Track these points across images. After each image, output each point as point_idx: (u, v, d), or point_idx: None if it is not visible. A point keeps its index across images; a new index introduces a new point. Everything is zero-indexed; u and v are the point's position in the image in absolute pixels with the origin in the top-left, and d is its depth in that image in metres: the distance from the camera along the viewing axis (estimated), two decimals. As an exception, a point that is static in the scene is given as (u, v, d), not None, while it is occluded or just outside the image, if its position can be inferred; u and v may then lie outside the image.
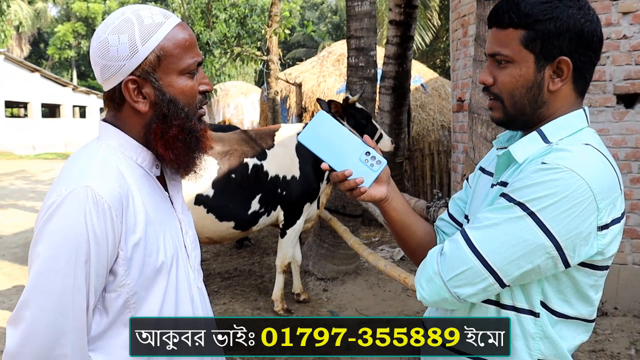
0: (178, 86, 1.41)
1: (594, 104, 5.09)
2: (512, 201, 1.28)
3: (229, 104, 22.12)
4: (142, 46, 1.36)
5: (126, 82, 1.38)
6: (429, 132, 11.33)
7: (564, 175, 1.24)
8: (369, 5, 6.30)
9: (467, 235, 1.32)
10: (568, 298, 1.36)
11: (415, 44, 17.84)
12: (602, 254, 1.31)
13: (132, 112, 1.42)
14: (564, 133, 1.37)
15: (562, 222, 1.24)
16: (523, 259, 1.27)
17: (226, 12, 14.66)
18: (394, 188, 1.51)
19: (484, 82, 1.43)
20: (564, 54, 1.34)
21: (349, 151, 1.43)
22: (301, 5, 43.26)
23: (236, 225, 5.08)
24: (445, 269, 1.32)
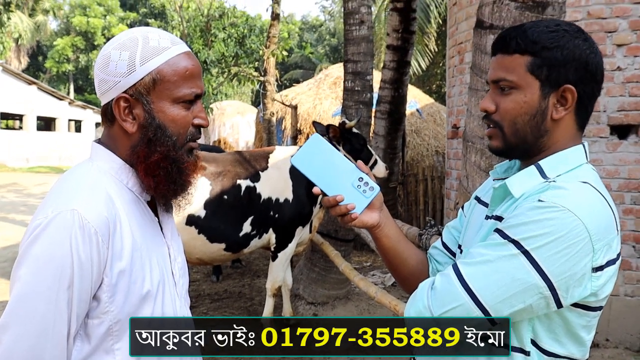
0: (169, 113, 1.38)
1: (588, 134, 5.10)
2: (506, 238, 1.26)
3: (224, 123, 22.12)
4: (140, 66, 1.35)
5: (118, 99, 1.37)
6: (423, 158, 11.34)
7: (560, 214, 1.22)
8: (366, 29, 6.33)
9: (459, 270, 1.29)
10: (559, 337, 1.33)
11: (412, 69, 17.92)
12: (596, 295, 1.28)
13: (121, 131, 1.41)
14: (563, 169, 1.35)
15: (557, 263, 1.22)
16: (515, 298, 1.24)
17: (225, 31, 14.74)
18: (387, 214, 1.49)
19: (486, 110, 1.41)
20: (569, 82, 1.33)
21: (342, 176, 1.41)
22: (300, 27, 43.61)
23: (227, 247, 5.03)
24: (435, 304, 1.29)
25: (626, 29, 5.02)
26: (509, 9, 2.74)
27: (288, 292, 5.67)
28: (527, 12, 2.69)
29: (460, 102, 6.40)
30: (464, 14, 6.20)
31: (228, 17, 14.84)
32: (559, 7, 2.74)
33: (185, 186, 1.45)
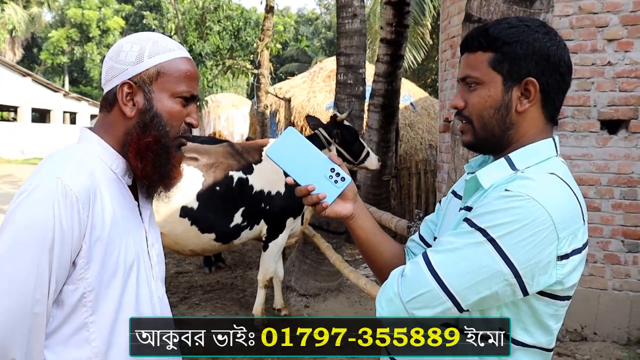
0: (167, 105, 1.50)
1: (578, 129, 5.14)
2: (473, 226, 1.29)
3: (219, 115, 22.12)
4: (148, 59, 1.48)
5: (122, 84, 1.48)
6: (416, 151, 11.38)
7: (525, 203, 1.25)
8: (359, 23, 6.35)
9: (428, 258, 1.32)
10: (527, 327, 1.36)
11: (407, 63, 17.95)
12: (562, 284, 1.31)
13: (119, 115, 1.50)
14: (532, 161, 1.38)
15: (522, 250, 1.25)
16: (481, 285, 1.27)
17: (220, 24, 14.74)
18: (361, 206, 1.53)
19: (455, 107, 1.46)
20: (531, 75, 1.37)
21: (315, 167, 1.46)
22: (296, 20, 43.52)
23: (217, 237, 5.05)
24: (404, 291, 1.32)
25: (617, 24, 5.04)
26: (497, 3, 2.76)
27: (279, 284, 5.70)
28: (515, 6, 2.70)
29: (452, 95, 6.41)
30: (456, 8, 6.22)
31: (223, 10, 14.85)
32: (546, 1, 2.76)
33: (169, 176, 1.54)
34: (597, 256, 5.13)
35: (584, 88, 5.12)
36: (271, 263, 5.37)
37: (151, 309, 1.53)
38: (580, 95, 5.12)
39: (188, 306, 6.00)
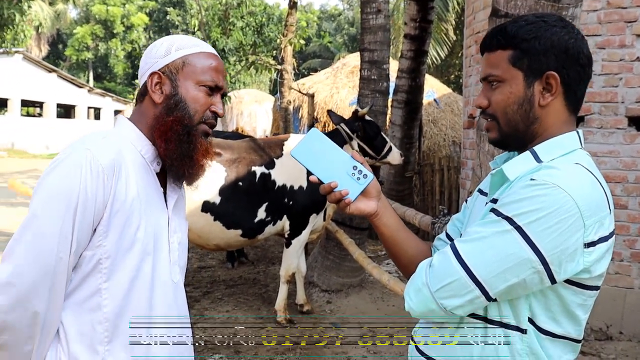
0: (192, 93, 1.60)
1: (605, 125, 5.07)
2: (500, 215, 1.32)
3: (242, 111, 22.19)
4: (175, 52, 1.62)
5: (152, 74, 1.61)
6: (440, 148, 11.31)
7: (551, 191, 1.28)
8: (383, 18, 6.32)
9: (456, 247, 1.35)
10: (556, 316, 1.38)
11: (430, 59, 17.84)
12: (589, 272, 1.34)
13: (149, 103, 1.62)
14: (557, 153, 1.41)
15: (548, 237, 1.27)
16: (509, 272, 1.29)
17: (243, 20, 14.76)
18: (385, 204, 1.55)
19: (479, 106, 1.50)
20: (551, 69, 1.40)
21: (338, 165, 1.50)
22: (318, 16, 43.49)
23: (243, 233, 5.08)
24: (432, 280, 1.35)
25: (646, 18, 4.96)
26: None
27: (302, 279, 5.72)
28: (543, 1, 2.67)
29: (477, 92, 6.37)
30: (481, 3, 6.16)
31: (246, 6, 14.86)
32: (575, -5, 2.72)
33: (194, 160, 1.61)
34: (623, 254, 5.05)
35: (612, 84, 5.04)
36: (294, 259, 5.38)
37: (163, 291, 1.60)
38: (607, 92, 5.04)
39: (211, 300, 6.03)
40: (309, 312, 5.69)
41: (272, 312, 5.52)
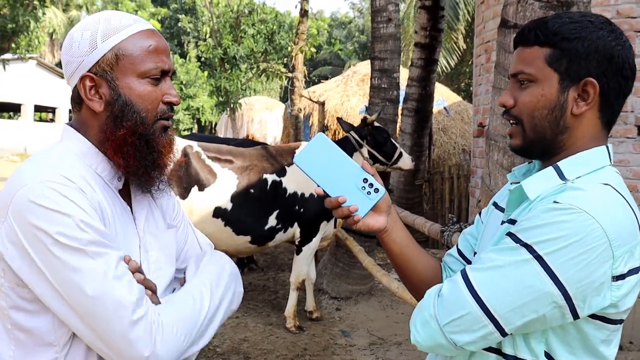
0: (135, 89, 1.35)
1: (615, 134, 5.07)
2: (518, 242, 1.17)
3: (252, 118, 22.27)
4: (102, 43, 1.33)
5: (83, 78, 1.34)
6: (449, 156, 11.32)
7: (577, 217, 1.13)
8: (394, 27, 6.37)
9: (468, 276, 1.21)
10: (575, 351, 1.24)
11: (440, 67, 17.87)
12: (616, 307, 1.18)
13: (89, 112, 1.37)
14: (583, 170, 1.26)
15: (573, 269, 1.13)
16: (527, 307, 1.15)
17: (254, 27, 14.85)
18: (395, 218, 1.42)
19: (504, 104, 1.35)
20: (591, 75, 1.25)
21: (346, 177, 1.35)
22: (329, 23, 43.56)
23: (253, 239, 5.12)
24: (442, 313, 1.21)
25: (656, 28, 4.97)
26: (533, 9, 2.76)
27: (311, 286, 5.74)
28: (552, 12, 2.70)
29: (487, 100, 6.39)
30: (491, 12, 6.20)
31: (257, 14, 14.96)
32: (584, 6, 2.75)
33: (160, 166, 1.41)
34: (633, 264, 5.05)
35: (622, 93, 5.05)
36: (304, 266, 5.41)
37: None
38: (617, 101, 5.05)
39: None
40: (318, 319, 5.71)
41: (282, 319, 5.55)
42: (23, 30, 15.64)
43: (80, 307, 1.22)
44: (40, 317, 1.28)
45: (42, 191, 1.22)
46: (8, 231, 1.23)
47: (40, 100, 29.92)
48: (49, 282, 1.22)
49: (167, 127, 1.41)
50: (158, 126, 1.38)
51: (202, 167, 4.99)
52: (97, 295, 1.21)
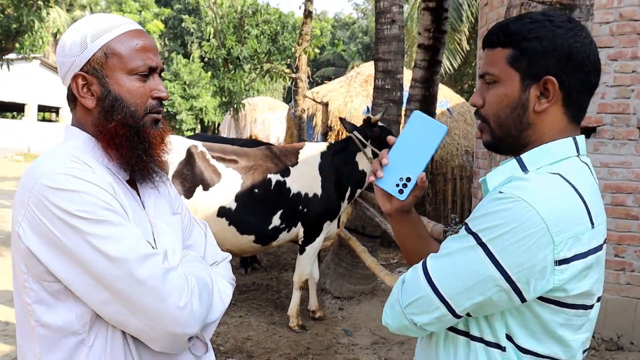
0: (125, 85, 1.43)
1: (617, 136, 5.10)
2: (467, 230, 1.26)
3: (256, 119, 22.32)
4: (92, 43, 1.41)
5: (75, 77, 1.43)
6: (452, 157, 11.34)
7: (515, 205, 1.20)
8: (397, 29, 6.40)
9: (426, 263, 1.31)
10: (536, 335, 1.29)
11: (444, 68, 17.87)
12: (564, 290, 1.24)
13: (83, 110, 1.46)
14: (544, 161, 1.32)
15: (512, 254, 1.20)
16: (473, 290, 1.23)
17: (258, 28, 14.89)
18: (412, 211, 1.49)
19: (474, 104, 1.41)
20: (551, 73, 1.30)
21: (412, 160, 1.40)
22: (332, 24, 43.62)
23: (256, 239, 5.16)
24: (403, 296, 1.31)
25: (658, 31, 5.00)
26: (536, 11, 2.79)
27: (314, 286, 5.78)
28: (554, 14, 2.73)
29: (490, 102, 6.41)
30: (494, 14, 6.22)
31: (261, 14, 15.01)
32: (586, 9, 2.77)
33: (152, 156, 1.48)
34: (634, 265, 5.08)
35: (624, 95, 5.08)
36: (307, 265, 5.45)
37: None
38: (619, 103, 5.08)
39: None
40: (321, 318, 5.74)
41: (285, 318, 5.59)
42: (27, 30, 15.68)
43: (110, 276, 1.28)
44: (64, 310, 1.33)
45: (59, 177, 1.29)
46: (31, 222, 1.30)
47: (44, 100, 29.99)
48: (76, 260, 1.29)
49: (157, 120, 1.49)
50: (148, 119, 1.46)
51: (206, 166, 5.03)
52: (128, 257, 1.29)
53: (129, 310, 1.31)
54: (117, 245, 1.29)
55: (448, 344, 1.38)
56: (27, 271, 1.33)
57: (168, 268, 1.35)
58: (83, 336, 1.35)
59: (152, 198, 1.54)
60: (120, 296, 1.29)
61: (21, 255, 1.33)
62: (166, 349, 1.38)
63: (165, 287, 1.31)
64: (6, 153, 27.66)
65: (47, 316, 1.34)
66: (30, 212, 1.30)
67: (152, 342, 1.36)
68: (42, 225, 1.29)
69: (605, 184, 5.11)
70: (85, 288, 1.30)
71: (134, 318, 1.31)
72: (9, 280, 6.32)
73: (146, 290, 1.30)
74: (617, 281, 5.11)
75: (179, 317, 1.33)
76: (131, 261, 1.29)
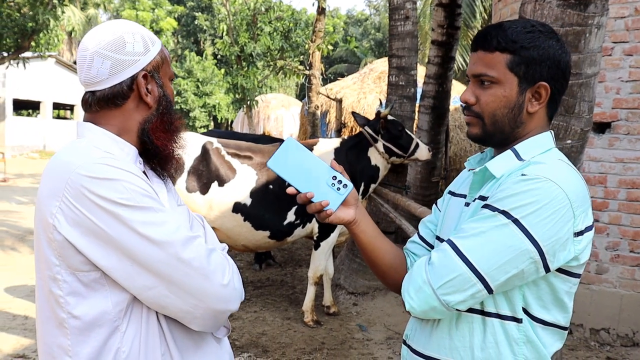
0: (169, 88, 1.59)
1: (632, 132, 5.06)
2: (495, 210, 1.37)
3: (269, 115, 22.35)
4: (152, 46, 1.53)
5: (144, 75, 1.50)
6: (466, 153, 11.33)
7: (543, 184, 1.35)
8: (411, 25, 6.41)
9: (455, 244, 1.39)
10: (546, 304, 1.45)
11: (457, 64, 17.83)
12: (578, 260, 1.41)
13: (134, 107, 1.51)
14: (536, 152, 1.49)
15: (544, 228, 1.33)
16: (509, 264, 1.35)
17: (271, 25, 14.89)
18: (363, 212, 1.57)
19: (466, 101, 1.53)
20: (544, 79, 1.47)
21: (317, 176, 1.48)
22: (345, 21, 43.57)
23: (271, 234, 5.20)
24: (434, 277, 1.38)
25: (674, 26, 4.97)
26: (551, 7, 2.79)
27: (329, 281, 5.81)
28: (569, 10, 2.73)
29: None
30: (508, 10, 6.21)
31: (274, 11, 14.99)
32: (601, 4, 2.77)
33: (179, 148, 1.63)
34: (650, 261, 5.06)
35: (639, 90, 5.06)
36: (322, 261, 5.47)
37: None
38: (634, 98, 5.06)
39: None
40: (336, 313, 5.77)
41: (300, 313, 5.62)
42: (43, 28, 15.80)
43: (156, 261, 1.34)
44: (98, 298, 1.38)
45: (97, 167, 1.34)
46: (67, 213, 1.33)
47: (59, 98, 30.17)
48: (120, 248, 1.33)
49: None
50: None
51: (221, 163, 5.07)
52: (173, 240, 1.35)
53: (174, 292, 1.36)
54: (161, 230, 1.34)
55: (461, 323, 1.48)
56: (61, 263, 1.36)
57: (210, 248, 1.42)
58: (117, 323, 1.39)
59: (164, 189, 1.61)
60: (166, 279, 1.35)
61: (54, 248, 1.35)
62: (207, 327, 1.45)
63: (210, 266, 1.38)
64: (22, 150, 27.89)
65: (81, 307, 1.37)
66: (67, 203, 1.33)
67: (195, 322, 1.42)
68: (80, 216, 1.32)
69: (620, 179, 5.10)
70: (128, 275, 1.35)
71: (179, 299, 1.37)
72: (27, 276, 6.40)
73: (192, 271, 1.36)
74: (633, 277, 5.10)
75: (224, 294, 1.41)
76: (176, 244, 1.35)
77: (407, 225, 4.70)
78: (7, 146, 25.95)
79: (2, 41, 15.53)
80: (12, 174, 18.91)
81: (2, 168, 18.20)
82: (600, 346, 5.07)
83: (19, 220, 10.63)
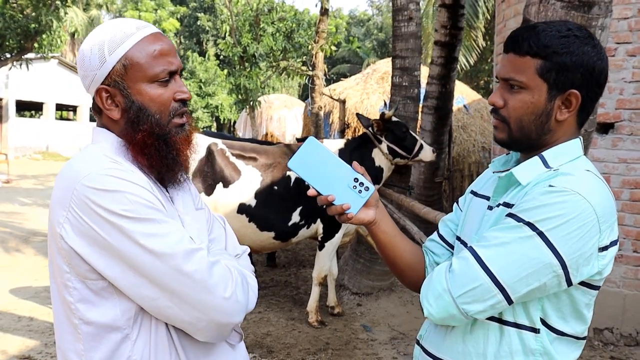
0: (147, 94, 1.43)
1: (635, 132, 5.05)
2: (520, 221, 1.34)
3: (271, 116, 22.33)
4: (110, 56, 1.41)
5: (99, 91, 1.44)
6: (469, 153, 11.33)
7: (571, 198, 1.31)
8: (415, 26, 6.42)
9: (477, 253, 1.36)
10: (565, 316, 1.43)
11: (460, 65, 17.83)
12: (601, 274, 1.39)
13: (108, 120, 1.48)
14: (564, 160, 1.44)
15: (569, 242, 1.31)
16: (531, 277, 1.32)
17: (274, 25, 14.90)
18: (383, 211, 1.56)
19: (494, 104, 1.48)
20: (575, 87, 1.41)
21: (338, 177, 1.46)
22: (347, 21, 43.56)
23: (276, 235, 5.22)
24: (454, 286, 1.36)
25: (677, 26, 4.98)
26: (555, 9, 2.79)
27: (333, 282, 5.82)
28: (573, 12, 2.73)
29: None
30: (512, 11, 6.22)
31: (277, 12, 15.01)
32: (605, 6, 2.77)
33: (179, 161, 1.50)
34: (654, 261, 5.07)
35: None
36: (326, 261, 5.49)
37: None
38: (638, 99, 5.07)
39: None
40: (340, 314, 5.79)
41: (304, 314, 5.64)
42: (45, 29, 15.86)
43: (158, 272, 1.33)
44: (108, 306, 1.38)
45: (101, 178, 1.33)
46: (74, 223, 1.34)
47: (62, 99, 30.24)
48: (123, 259, 1.33)
49: (182, 124, 1.50)
50: (172, 125, 1.47)
51: (226, 164, 5.09)
52: (175, 253, 1.33)
53: (177, 304, 1.35)
54: (163, 242, 1.33)
55: (477, 330, 1.46)
56: (70, 270, 1.37)
57: (213, 261, 1.40)
58: (127, 331, 1.39)
59: (180, 195, 1.57)
60: (168, 291, 1.34)
61: (63, 255, 1.37)
62: (212, 338, 1.44)
63: (211, 279, 1.36)
64: (25, 152, 27.95)
65: (91, 314, 1.38)
66: (73, 213, 1.33)
67: (199, 333, 1.41)
68: (85, 226, 1.32)
69: (623, 179, 5.11)
70: (132, 285, 1.34)
71: (182, 311, 1.36)
72: (32, 277, 6.42)
73: (194, 284, 1.34)
74: (636, 277, 5.11)
75: (226, 307, 1.38)
76: (178, 256, 1.34)
77: (411, 226, 4.71)
78: (10, 147, 26.03)
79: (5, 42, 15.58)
80: (15, 175, 18.96)
81: (5, 169, 18.26)
82: (604, 346, 5.09)
83: (23, 222, 10.66)
